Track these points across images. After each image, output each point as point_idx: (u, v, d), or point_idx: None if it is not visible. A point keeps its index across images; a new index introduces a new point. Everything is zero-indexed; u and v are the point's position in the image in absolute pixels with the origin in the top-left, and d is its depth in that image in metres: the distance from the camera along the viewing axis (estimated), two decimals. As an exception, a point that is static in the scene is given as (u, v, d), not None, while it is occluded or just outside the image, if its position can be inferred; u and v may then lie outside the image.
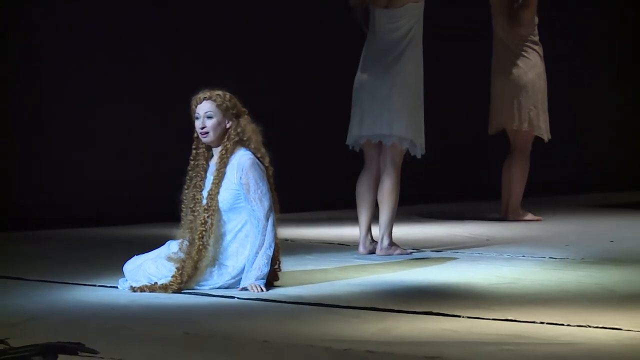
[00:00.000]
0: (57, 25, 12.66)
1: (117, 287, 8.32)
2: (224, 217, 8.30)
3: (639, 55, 15.53)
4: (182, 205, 8.33)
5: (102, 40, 12.87)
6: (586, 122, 14.22)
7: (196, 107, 8.26)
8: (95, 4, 13.00)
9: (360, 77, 9.74)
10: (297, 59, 12.77)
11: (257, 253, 8.18)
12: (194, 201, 8.29)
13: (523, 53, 11.44)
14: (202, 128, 8.22)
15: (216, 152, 8.28)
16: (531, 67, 11.44)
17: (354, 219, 9.94)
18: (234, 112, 8.26)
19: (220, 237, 8.32)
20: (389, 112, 9.59)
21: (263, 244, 8.17)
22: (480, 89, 11.72)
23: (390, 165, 9.64)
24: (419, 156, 9.71)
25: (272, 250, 8.19)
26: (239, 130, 8.24)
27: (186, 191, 8.31)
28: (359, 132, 9.75)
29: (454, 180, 12.45)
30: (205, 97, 8.25)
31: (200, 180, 8.31)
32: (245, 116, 8.32)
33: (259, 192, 8.18)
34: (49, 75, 12.59)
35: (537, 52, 11.47)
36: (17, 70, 12.46)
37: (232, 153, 8.25)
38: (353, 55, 9.88)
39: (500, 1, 11.45)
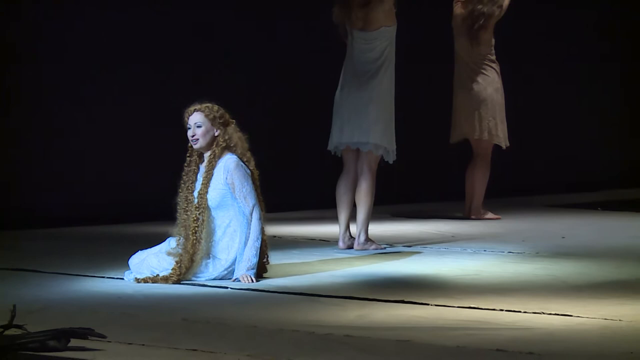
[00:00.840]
0: (60, 26, 12.13)
1: (123, 279, 8.33)
2: (213, 213, 8.32)
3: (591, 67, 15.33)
4: (177, 207, 8.36)
5: (104, 41, 12.35)
6: (549, 128, 14.17)
7: (188, 118, 8.30)
8: (101, 8, 12.46)
9: (340, 90, 9.75)
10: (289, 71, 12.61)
11: (245, 245, 8.21)
12: (186, 202, 8.31)
13: (482, 70, 11.45)
14: (193, 136, 8.28)
15: (206, 157, 8.32)
16: (489, 83, 11.45)
17: (334, 218, 9.94)
18: (221, 121, 8.29)
19: (211, 232, 8.34)
20: (366, 122, 9.61)
21: (250, 237, 8.20)
22: (444, 102, 11.72)
23: (367, 169, 9.66)
24: (391, 162, 9.73)
25: (260, 242, 8.20)
26: (226, 137, 8.28)
27: (180, 194, 8.35)
28: (339, 139, 9.76)
29: (423, 183, 12.44)
30: (195, 109, 8.30)
31: (192, 183, 8.34)
32: (232, 125, 8.35)
33: (244, 190, 8.21)
34: (53, 76, 12.09)
35: (495, 70, 11.49)
36: (22, 72, 11.94)
37: (219, 157, 8.28)
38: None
39: (461, 23, 11.46)
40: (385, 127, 9.63)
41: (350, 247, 9.72)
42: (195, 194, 8.29)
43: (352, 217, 9.77)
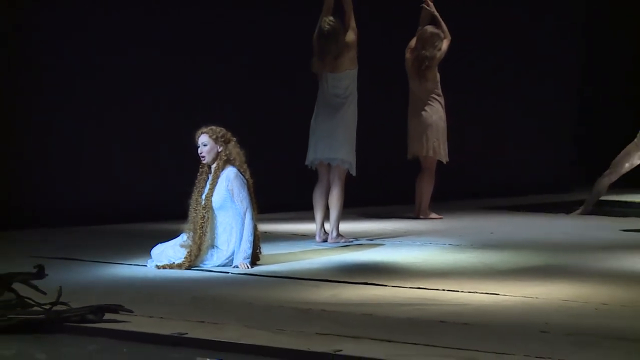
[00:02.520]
0: (65, 29, 11.11)
1: (146, 266, 8.30)
2: (216, 213, 8.31)
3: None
4: (190, 207, 8.40)
5: (112, 41, 11.38)
6: (484, 141, 14.03)
7: (197, 138, 8.35)
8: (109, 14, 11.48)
9: (315, 118, 9.73)
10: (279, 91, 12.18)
11: (241, 239, 8.25)
12: (196, 203, 8.33)
13: (429, 102, 11.45)
14: (200, 153, 8.33)
15: (212, 168, 8.35)
16: (435, 112, 11.44)
17: (311, 218, 9.92)
18: (222, 140, 8.32)
19: (214, 227, 8.34)
20: (336, 143, 9.61)
21: (245, 233, 8.22)
22: (400, 125, 11.69)
23: (337, 179, 9.67)
24: (354, 174, 9.73)
25: (252, 237, 8.21)
26: (227, 152, 8.31)
27: (192, 196, 8.37)
28: (314, 155, 9.76)
29: (382, 189, 12.40)
30: (202, 132, 8.34)
31: (201, 189, 8.35)
32: (233, 142, 8.37)
33: (240, 196, 8.25)
34: (59, 77, 11.09)
35: (439, 101, 11.46)
36: (30, 76, 10.91)
37: (222, 169, 8.31)
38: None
39: (411, 65, 11.45)
40: (350, 146, 9.65)
41: (325, 240, 9.70)
42: (203, 197, 8.33)
43: (326, 217, 9.77)
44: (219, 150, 8.30)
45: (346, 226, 10.04)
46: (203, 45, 11.74)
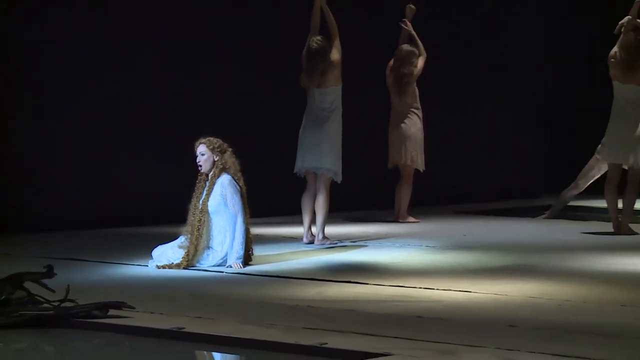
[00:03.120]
0: (68, 32, 10.78)
1: (147, 266, 8.30)
2: (212, 216, 8.30)
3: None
4: (189, 211, 8.40)
5: (117, 44, 11.06)
6: (464, 149, 13.84)
7: (196, 148, 8.35)
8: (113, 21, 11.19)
9: (303, 129, 9.73)
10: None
11: (234, 241, 8.25)
12: (194, 207, 8.32)
13: (408, 115, 11.45)
14: (198, 162, 8.33)
15: (209, 176, 8.35)
16: (413, 124, 11.45)
17: (299, 222, 9.92)
18: (219, 150, 8.32)
19: (210, 230, 8.33)
20: (321, 153, 9.61)
21: (237, 235, 8.23)
22: (382, 137, 11.69)
23: (323, 187, 9.67)
24: (339, 181, 9.73)
25: (244, 239, 8.20)
26: (223, 162, 8.31)
27: (192, 201, 8.36)
28: (302, 164, 9.76)
29: (364, 196, 12.38)
30: (201, 142, 8.34)
31: (199, 194, 8.34)
32: (228, 152, 8.37)
33: (233, 201, 8.25)
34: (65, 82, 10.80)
35: (417, 115, 11.45)
36: (35, 81, 10.61)
37: (218, 177, 8.30)
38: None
39: (392, 82, 11.46)
40: (335, 156, 9.65)
41: (312, 242, 9.69)
42: (200, 202, 8.33)
43: (313, 220, 9.77)
44: (216, 160, 8.30)
45: (331, 229, 10.04)
46: (203, 54, 11.62)
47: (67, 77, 10.78)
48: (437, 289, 7.35)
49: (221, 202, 8.27)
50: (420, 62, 11.38)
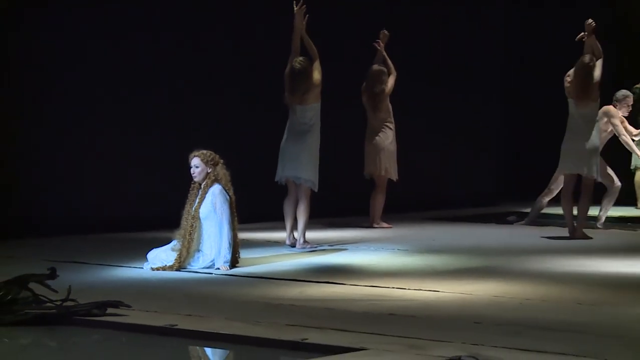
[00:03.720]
0: (69, 44, 10.58)
1: (142, 268, 8.27)
2: (203, 222, 8.28)
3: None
4: (182, 217, 8.37)
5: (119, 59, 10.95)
6: (433, 159, 13.93)
7: (190, 160, 8.35)
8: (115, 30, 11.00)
9: (285, 141, 9.74)
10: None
11: (221, 245, 8.23)
12: (187, 214, 8.30)
13: (382, 130, 11.47)
14: (192, 173, 8.33)
15: (202, 185, 8.34)
16: (386, 138, 11.46)
17: (282, 227, 9.93)
18: (212, 162, 8.31)
19: (201, 234, 8.30)
20: (301, 164, 9.63)
21: (224, 240, 8.22)
22: (358, 150, 11.71)
23: (304, 195, 9.68)
24: (316, 190, 9.74)
25: (230, 244, 8.19)
26: (215, 173, 8.30)
27: (185, 207, 8.34)
28: (282, 173, 9.76)
29: (342, 203, 12.39)
30: (195, 155, 8.33)
31: (192, 202, 8.31)
32: (220, 164, 8.35)
33: (222, 209, 8.22)
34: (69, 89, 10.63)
35: (391, 128, 11.47)
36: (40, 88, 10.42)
37: (210, 186, 8.28)
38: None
39: (367, 100, 11.48)
40: (313, 167, 9.66)
41: (293, 245, 9.70)
42: (193, 208, 8.32)
43: (294, 225, 9.75)
44: (209, 172, 8.29)
45: (312, 234, 10.06)
46: (198, 68, 11.59)
47: (69, 85, 10.63)
48: (409, 289, 7.36)
49: (212, 209, 8.26)
50: (391, 80, 11.42)
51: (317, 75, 9.62)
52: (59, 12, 10.60)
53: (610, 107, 11.61)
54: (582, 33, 10.41)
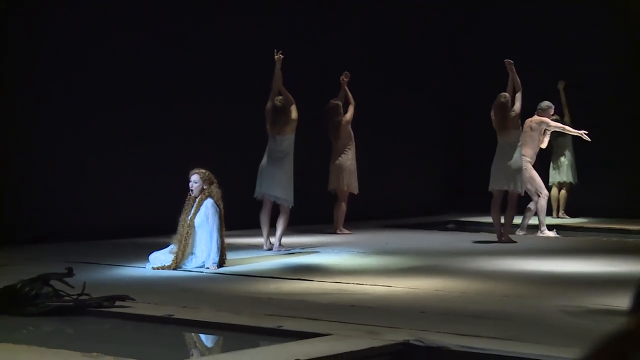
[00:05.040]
0: (71, 52, 10.02)
1: (144, 267, 8.23)
2: (196, 230, 8.24)
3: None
4: (178, 223, 8.31)
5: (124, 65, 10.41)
6: (386, 174, 13.58)
7: (190, 176, 8.29)
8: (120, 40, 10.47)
9: (263, 162, 9.71)
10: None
11: (210, 249, 8.20)
12: (183, 222, 8.24)
13: (345, 151, 11.42)
14: (191, 187, 8.28)
15: (197, 199, 8.28)
16: (347, 159, 11.38)
17: (259, 234, 9.87)
18: (208, 181, 8.26)
19: (194, 240, 8.26)
20: (276, 184, 9.59)
21: (213, 244, 8.20)
22: (324, 168, 11.68)
23: (283, 210, 9.63)
24: (290, 206, 9.69)
25: (218, 248, 8.16)
26: (209, 190, 8.23)
27: (181, 216, 8.28)
28: (260, 190, 9.70)
29: (310, 213, 12.30)
30: (195, 172, 8.29)
31: (188, 211, 8.27)
32: (215, 183, 8.29)
33: (213, 219, 8.18)
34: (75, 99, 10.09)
35: (351, 150, 11.42)
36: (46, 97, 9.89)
37: (204, 200, 8.23)
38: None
39: (330, 125, 11.45)
40: (287, 186, 9.61)
41: (271, 249, 9.69)
42: (189, 217, 8.29)
43: (271, 232, 9.73)
44: (204, 188, 8.26)
45: (285, 239, 10.03)
46: (192, 89, 11.32)
47: (70, 98, 10.20)
48: (366, 284, 7.37)
49: (205, 219, 8.23)
50: (351, 110, 11.40)
51: (294, 114, 9.66)
52: (60, 26, 10.11)
53: (542, 118, 11.34)
54: (508, 62, 10.48)
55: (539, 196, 11.41)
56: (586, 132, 11.45)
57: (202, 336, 5.97)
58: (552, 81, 12.74)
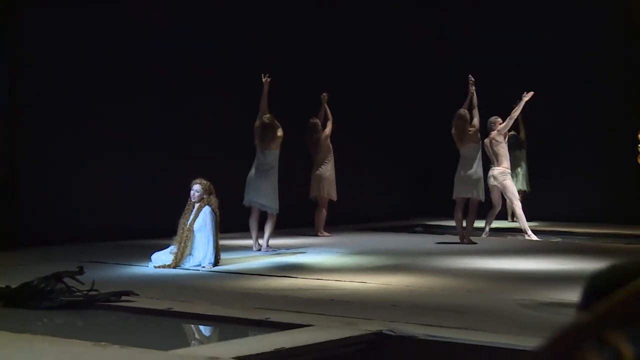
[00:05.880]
0: (69, 65, 9.62)
1: (147, 266, 8.19)
2: (195, 233, 8.22)
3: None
4: (178, 227, 8.28)
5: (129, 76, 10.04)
6: (359, 181, 13.34)
7: (192, 185, 8.25)
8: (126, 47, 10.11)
9: (251, 173, 9.67)
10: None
11: (207, 250, 8.19)
12: (183, 225, 8.22)
13: (324, 163, 11.43)
14: (192, 195, 8.24)
15: (196, 205, 8.24)
16: (327, 170, 11.37)
17: (249, 236, 9.87)
18: (208, 191, 8.24)
19: (192, 242, 8.24)
20: (262, 193, 9.57)
21: (209, 246, 8.18)
22: (306, 178, 11.68)
23: (269, 215, 9.67)
24: (275, 213, 9.66)
25: (214, 249, 8.15)
26: (208, 199, 8.21)
27: (181, 220, 8.26)
28: (247, 198, 9.66)
29: (294, 218, 12.29)
30: (197, 182, 8.26)
31: (188, 216, 8.25)
32: (214, 194, 8.27)
33: (209, 225, 8.16)
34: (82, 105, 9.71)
35: (330, 161, 11.40)
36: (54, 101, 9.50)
37: (203, 207, 8.21)
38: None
39: (310, 141, 11.44)
40: (272, 195, 9.59)
41: (259, 250, 9.67)
42: (188, 222, 8.26)
43: (259, 235, 9.73)
44: (204, 197, 8.25)
45: (272, 241, 10.02)
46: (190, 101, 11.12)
47: (74, 101, 9.80)
48: (344, 281, 7.36)
49: (203, 224, 8.21)
50: (329, 125, 11.40)
51: (279, 132, 9.66)
52: (57, 47, 9.67)
53: (495, 129, 11.10)
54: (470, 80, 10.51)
55: (513, 204, 11.41)
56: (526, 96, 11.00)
57: (199, 327, 5.95)
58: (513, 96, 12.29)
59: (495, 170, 11.17)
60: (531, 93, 10.95)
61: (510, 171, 11.24)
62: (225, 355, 4.47)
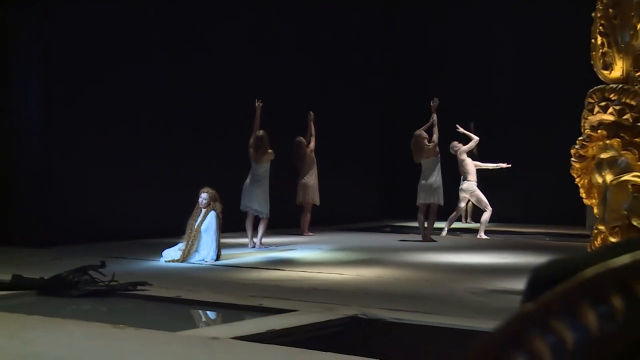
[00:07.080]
0: (92, 68, 9.14)
1: (158, 260, 8.13)
2: (202, 233, 8.19)
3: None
4: (187, 227, 8.21)
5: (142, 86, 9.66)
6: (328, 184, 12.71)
7: (201, 193, 8.20)
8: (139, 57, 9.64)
9: (246, 182, 9.59)
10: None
11: (210, 248, 8.17)
12: (191, 226, 8.18)
13: (310, 172, 11.39)
14: (201, 201, 8.19)
15: (203, 209, 8.21)
16: (313, 178, 11.32)
17: (245, 235, 9.83)
18: (214, 199, 8.21)
19: (198, 241, 8.21)
20: (255, 199, 9.53)
21: (213, 245, 8.17)
22: (293, 186, 11.57)
23: (262, 219, 9.64)
24: (267, 217, 9.54)
25: (216, 246, 8.13)
26: (214, 205, 8.18)
27: (189, 221, 8.21)
28: (243, 203, 9.59)
29: (282, 220, 12.17)
30: (205, 191, 8.21)
31: (195, 217, 8.20)
32: (219, 201, 8.23)
33: (214, 227, 8.15)
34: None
35: (314, 172, 11.34)
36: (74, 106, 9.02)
37: (209, 212, 8.18)
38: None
39: (296, 156, 11.35)
40: (264, 202, 9.53)
41: (254, 247, 9.65)
42: (196, 224, 8.21)
43: (252, 235, 9.69)
44: (210, 203, 8.22)
45: (265, 239, 9.99)
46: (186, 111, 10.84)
47: (99, 109, 9.43)
48: (325, 273, 7.35)
49: (208, 226, 8.19)
50: (313, 140, 11.35)
51: (269, 149, 9.64)
52: (77, 60, 9.18)
53: (458, 153, 11.14)
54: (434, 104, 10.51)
55: (485, 211, 11.41)
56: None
57: (203, 312, 5.94)
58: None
59: (465, 184, 11.18)
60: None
61: (476, 183, 11.19)
62: (225, 336, 4.47)
